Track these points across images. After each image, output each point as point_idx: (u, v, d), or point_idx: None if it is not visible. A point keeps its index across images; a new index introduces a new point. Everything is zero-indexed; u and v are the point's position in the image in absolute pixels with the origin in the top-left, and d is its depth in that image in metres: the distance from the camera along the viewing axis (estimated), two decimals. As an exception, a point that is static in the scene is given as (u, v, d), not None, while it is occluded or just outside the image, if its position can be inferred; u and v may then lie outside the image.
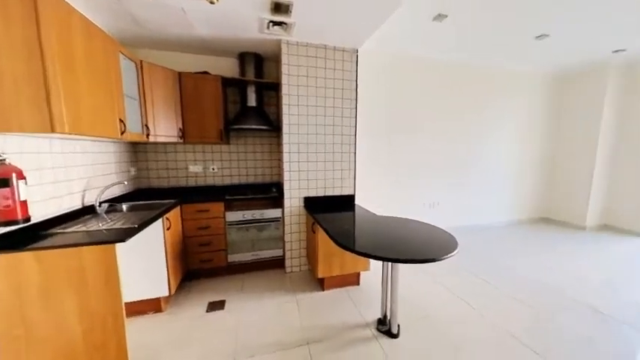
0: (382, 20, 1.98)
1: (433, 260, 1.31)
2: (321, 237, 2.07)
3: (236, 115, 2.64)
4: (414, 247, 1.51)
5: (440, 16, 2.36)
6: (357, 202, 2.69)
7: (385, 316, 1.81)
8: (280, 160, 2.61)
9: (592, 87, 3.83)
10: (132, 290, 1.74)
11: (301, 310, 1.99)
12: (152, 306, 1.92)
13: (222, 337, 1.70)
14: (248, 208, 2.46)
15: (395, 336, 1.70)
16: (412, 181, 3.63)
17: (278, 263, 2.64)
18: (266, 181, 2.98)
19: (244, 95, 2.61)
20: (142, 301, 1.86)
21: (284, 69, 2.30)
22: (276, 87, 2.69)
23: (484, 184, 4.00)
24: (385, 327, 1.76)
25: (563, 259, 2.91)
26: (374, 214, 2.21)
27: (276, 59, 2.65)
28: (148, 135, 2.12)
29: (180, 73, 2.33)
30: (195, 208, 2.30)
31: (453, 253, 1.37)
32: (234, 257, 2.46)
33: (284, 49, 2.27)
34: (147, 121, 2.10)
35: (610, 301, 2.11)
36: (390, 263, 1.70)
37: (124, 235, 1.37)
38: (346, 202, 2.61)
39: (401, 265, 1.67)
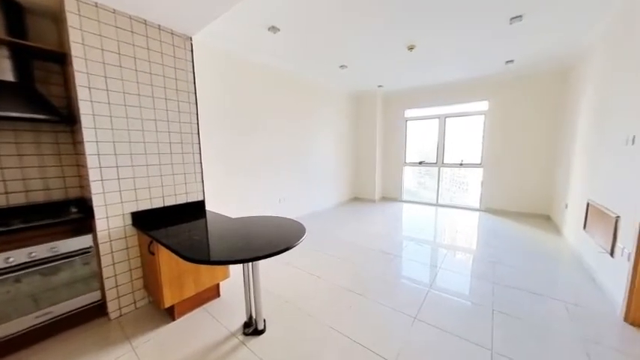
0: (217, 9, 1.81)
1: (288, 249, 1.46)
2: (164, 257, 1.70)
3: (-36, 93, 1.52)
4: (270, 240, 1.60)
5: (273, 28, 2.60)
6: (209, 207, 2.43)
7: (251, 317, 1.79)
8: (83, 165, 1.83)
9: (370, 106, 5.79)
10: None
11: (145, 358, 1.54)
12: None
13: None
14: (17, 246, 1.53)
15: (262, 332, 1.73)
16: (264, 179, 3.84)
17: (94, 311, 1.86)
18: (55, 199, 1.97)
19: (-17, 60, 1.56)
20: None
21: (74, 35, 1.61)
22: (61, 59, 1.83)
23: (316, 178, 4.95)
24: (251, 328, 1.75)
25: (366, 223, 4.24)
26: (228, 217, 2.10)
27: (58, 18, 1.80)
28: None
29: None
30: None
31: (302, 239, 1.59)
32: (-11, 334, 1.45)
33: (70, 5, 1.58)
34: None
35: (389, 244, 3.33)
36: (250, 263, 1.71)
37: None
38: (195, 210, 2.29)
39: (261, 261, 1.72)
